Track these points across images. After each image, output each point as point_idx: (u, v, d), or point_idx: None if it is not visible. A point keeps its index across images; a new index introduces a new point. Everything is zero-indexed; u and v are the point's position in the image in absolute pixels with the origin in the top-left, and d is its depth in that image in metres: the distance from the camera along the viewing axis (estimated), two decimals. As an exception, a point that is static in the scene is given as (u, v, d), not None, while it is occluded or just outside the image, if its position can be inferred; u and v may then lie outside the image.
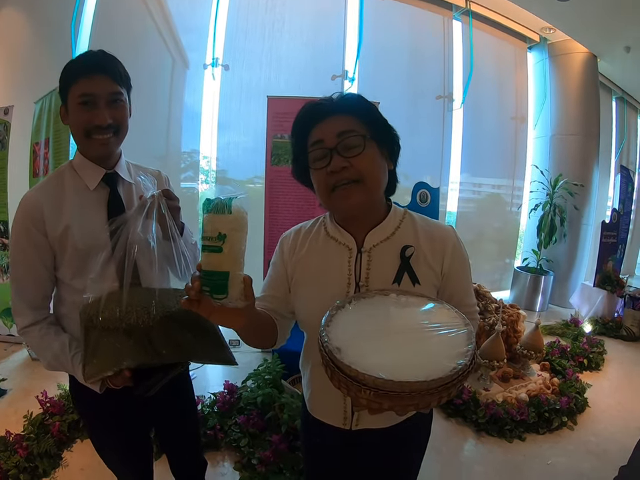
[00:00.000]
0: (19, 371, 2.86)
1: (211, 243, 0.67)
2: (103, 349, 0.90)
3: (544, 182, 4.81)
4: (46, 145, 2.98)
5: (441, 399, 0.67)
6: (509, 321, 3.00)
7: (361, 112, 0.89)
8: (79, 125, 1.04)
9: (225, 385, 2.46)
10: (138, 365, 0.92)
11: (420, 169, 4.54)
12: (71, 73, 1.04)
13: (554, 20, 4.36)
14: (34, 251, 1.03)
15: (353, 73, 4.13)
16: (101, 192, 1.10)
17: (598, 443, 2.38)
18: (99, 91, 1.02)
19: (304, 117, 0.91)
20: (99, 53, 1.06)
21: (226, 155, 3.99)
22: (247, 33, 3.92)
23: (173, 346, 0.92)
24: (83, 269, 1.03)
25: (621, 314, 4.20)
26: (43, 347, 1.06)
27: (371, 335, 0.75)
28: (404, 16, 4.43)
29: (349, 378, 0.67)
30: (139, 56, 3.77)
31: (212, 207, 0.67)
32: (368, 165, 0.86)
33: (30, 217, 1.02)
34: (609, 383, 3.13)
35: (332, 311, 0.80)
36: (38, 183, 1.11)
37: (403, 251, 0.91)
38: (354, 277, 0.92)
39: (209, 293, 0.68)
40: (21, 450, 1.95)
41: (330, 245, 0.96)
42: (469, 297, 1.00)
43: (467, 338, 0.74)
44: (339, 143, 0.85)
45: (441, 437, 2.37)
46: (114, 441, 1.19)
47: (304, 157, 0.91)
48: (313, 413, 1.05)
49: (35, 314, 1.06)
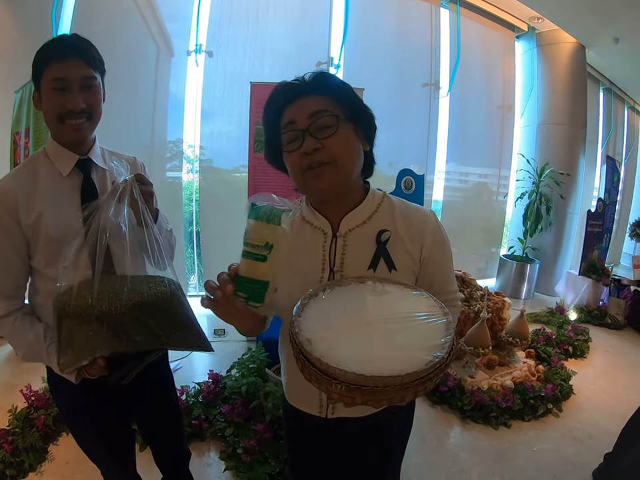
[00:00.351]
0: (3, 365, 2.82)
1: (257, 251, 0.66)
2: (76, 338, 0.88)
3: (530, 171, 4.83)
4: (26, 135, 2.93)
5: (416, 393, 0.65)
6: (494, 308, 3.02)
7: (335, 91, 0.86)
8: (52, 110, 1.01)
9: (210, 375, 2.44)
10: (112, 353, 0.90)
11: (406, 158, 4.51)
12: (43, 57, 1.01)
13: (542, 9, 4.35)
14: (7, 239, 1.01)
15: (339, 60, 4.10)
16: (75, 178, 1.08)
17: (583, 429, 2.42)
18: (72, 75, 0.99)
19: (276, 98, 0.88)
20: (73, 36, 1.03)
21: (210, 143, 3.96)
22: (231, 19, 3.86)
23: (146, 333, 0.90)
24: (56, 256, 1.01)
25: (605, 302, 4.26)
26: (18, 338, 1.04)
27: (344, 326, 0.71)
28: (391, 2, 4.40)
29: (320, 371, 0.64)
30: (123, 44, 3.70)
31: (262, 215, 0.66)
32: (341, 146, 0.83)
33: (3, 205, 1.00)
34: (593, 370, 3.17)
35: (304, 300, 0.77)
36: (11, 171, 1.09)
37: (379, 235, 0.89)
38: (328, 262, 0.90)
39: (244, 299, 0.68)
40: (6, 445, 1.93)
41: (305, 229, 0.94)
42: (450, 283, 0.98)
43: (445, 329, 0.70)
44: (311, 124, 0.82)
45: (427, 424, 2.38)
46: (93, 432, 1.18)
47: (277, 140, 0.88)
48: (290, 400, 1.04)
49: (9, 304, 1.04)
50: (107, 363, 0.93)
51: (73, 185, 1.08)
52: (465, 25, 4.70)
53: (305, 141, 0.82)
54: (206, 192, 4.02)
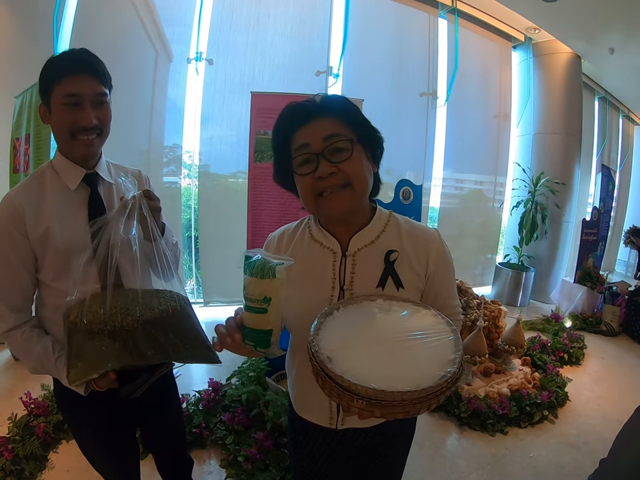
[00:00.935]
0: (2, 372, 2.81)
1: (257, 305, 0.72)
2: (87, 352, 0.89)
3: (526, 180, 4.89)
4: (26, 141, 2.93)
5: (430, 405, 0.68)
6: (490, 316, 3.05)
7: (346, 114, 0.87)
8: (63, 125, 1.02)
9: (210, 383, 2.45)
10: (123, 366, 0.91)
11: (403, 165, 4.58)
12: (54, 71, 1.01)
13: (539, 20, 4.41)
14: (14, 253, 1.01)
15: (338, 69, 4.13)
16: (82, 192, 1.09)
17: (578, 435, 2.45)
18: (84, 90, 1.00)
19: (286, 120, 0.88)
20: (83, 51, 1.04)
21: (209, 149, 3.98)
22: (232, 27, 3.89)
23: (157, 347, 0.91)
24: (64, 270, 1.02)
25: (600, 310, 4.29)
26: (26, 351, 1.05)
27: (360, 344, 0.75)
28: (390, 12, 4.44)
29: (341, 388, 0.67)
30: (122, 49, 3.71)
31: (256, 271, 0.71)
32: (356, 170, 0.84)
33: (10, 218, 1.01)
34: (589, 377, 3.21)
35: (320, 318, 0.79)
36: (18, 184, 1.09)
37: (387, 255, 0.91)
38: (338, 280, 0.92)
39: (253, 347, 0.75)
40: (6, 452, 1.93)
41: (314, 248, 0.96)
42: (453, 298, 1.01)
43: (454, 345, 0.74)
44: (325, 148, 0.83)
45: (424, 431, 2.40)
46: (99, 442, 1.18)
47: (286, 161, 0.89)
48: (299, 412, 1.06)
49: (17, 317, 1.04)
50: (116, 375, 0.94)
51: (81, 198, 1.08)
52: (463, 35, 4.75)
53: (320, 165, 0.83)
54: (204, 197, 4.03)
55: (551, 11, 3.94)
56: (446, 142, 4.92)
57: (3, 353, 3.02)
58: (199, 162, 3.99)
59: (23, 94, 3.02)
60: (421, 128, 4.72)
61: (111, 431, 1.17)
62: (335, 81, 4.15)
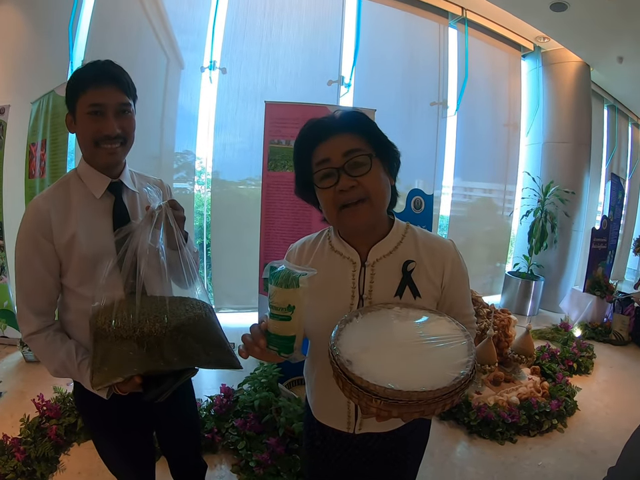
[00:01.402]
0: (14, 373, 2.85)
1: (281, 313, 0.76)
2: (113, 357, 0.91)
3: (535, 189, 4.88)
4: (42, 146, 2.97)
5: (444, 406, 0.72)
6: (500, 325, 3.05)
7: (364, 130, 0.91)
8: (88, 135, 1.05)
9: (222, 389, 2.47)
10: (147, 371, 0.93)
11: (413, 174, 4.61)
12: (79, 82, 1.04)
13: (548, 29, 4.43)
14: (40, 258, 1.04)
15: (349, 79, 4.18)
16: (107, 200, 1.11)
17: (587, 444, 2.44)
18: (108, 101, 1.03)
19: (307, 136, 0.93)
20: (107, 62, 1.07)
21: (221, 156, 4.02)
22: (245, 37, 3.95)
23: (183, 353, 0.93)
24: (89, 276, 1.04)
25: (610, 319, 4.27)
26: (49, 355, 1.06)
27: (378, 348, 0.79)
28: (400, 23, 4.48)
29: (360, 388, 0.71)
30: (134, 56, 3.78)
31: (281, 281, 0.75)
32: (375, 184, 0.88)
33: (37, 224, 1.03)
34: (597, 386, 3.19)
35: (340, 325, 0.83)
36: (44, 190, 1.11)
37: (405, 265, 0.94)
38: (358, 289, 0.95)
39: (277, 352, 0.80)
40: (18, 454, 1.94)
41: (334, 258, 0.99)
42: (467, 307, 1.04)
43: (467, 349, 0.78)
44: (346, 162, 0.86)
45: (434, 438, 2.40)
46: (118, 444, 1.20)
47: (308, 175, 0.93)
48: (318, 417, 1.08)
49: (42, 321, 1.06)
50: (141, 380, 0.96)
51: (105, 206, 1.11)
52: (473, 44, 4.79)
53: (341, 179, 0.87)
54: (216, 204, 4.06)
55: (560, 20, 3.97)
56: (456, 150, 4.94)
57: (14, 355, 3.06)
58: (211, 169, 4.03)
59: (39, 100, 3.07)
60: (431, 137, 4.75)
61: (129, 433, 1.19)
62: (347, 90, 4.20)
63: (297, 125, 2.76)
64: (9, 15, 3.68)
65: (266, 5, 3.97)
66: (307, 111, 2.83)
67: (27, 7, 3.66)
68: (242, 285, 4.02)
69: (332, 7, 4.17)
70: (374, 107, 2.81)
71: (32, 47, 3.67)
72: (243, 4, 3.92)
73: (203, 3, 3.85)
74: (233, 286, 4.12)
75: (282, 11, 4.02)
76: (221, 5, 3.83)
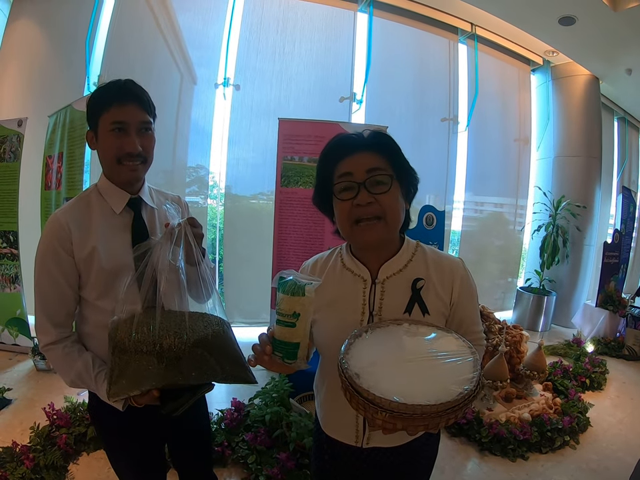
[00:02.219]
0: (24, 381, 2.88)
1: (287, 319, 0.80)
2: (131, 370, 0.93)
3: (547, 203, 4.87)
4: (59, 159, 3.04)
5: (448, 420, 0.73)
6: (512, 341, 3.03)
7: (389, 152, 0.94)
8: (110, 151, 1.07)
9: (233, 403, 2.47)
10: (165, 385, 0.95)
11: (425, 189, 4.62)
12: (102, 100, 1.07)
13: (557, 44, 4.46)
14: (59, 270, 1.05)
15: (361, 95, 4.23)
16: (126, 216, 1.14)
17: (599, 460, 2.40)
18: (131, 119, 1.06)
19: (334, 148, 0.96)
20: (129, 82, 1.10)
21: (234, 171, 4.07)
22: (258, 54, 4.04)
23: (200, 368, 0.95)
24: (107, 289, 1.07)
25: (623, 333, 4.22)
26: (66, 365, 1.08)
27: (385, 362, 0.81)
28: (411, 39, 4.55)
29: (367, 401, 0.73)
30: (149, 72, 3.88)
31: (288, 289, 0.79)
32: (391, 203, 0.91)
33: (57, 236, 1.05)
34: (610, 402, 3.16)
35: (350, 339, 0.86)
36: (65, 205, 1.14)
37: (414, 283, 0.96)
38: (368, 306, 0.98)
39: (281, 358, 0.83)
40: (27, 461, 1.96)
41: (346, 275, 1.01)
42: (476, 324, 1.05)
43: (472, 366, 0.80)
44: (367, 179, 0.90)
45: (445, 455, 2.38)
46: (130, 455, 1.21)
47: (328, 186, 0.96)
48: (326, 430, 1.09)
49: (60, 332, 1.08)
50: (159, 393, 0.97)
51: (125, 222, 1.13)
52: (482, 59, 4.83)
53: (360, 193, 0.90)
54: (229, 218, 4.11)
55: (568, 34, 4.01)
56: (467, 165, 4.96)
57: (25, 364, 3.11)
58: (224, 183, 4.08)
59: (56, 114, 3.15)
60: (443, 153, 4.78)
61: (141, 444, 1.20)
62: (359, 107, 4.25)
63: (310, 141, 2.81)
64: (27, 30, 3.79)
65: (279, 22, 4.06)
66: (319, 128, 2.89)
67: (44, 22, 3.77)
68: (253, 299, 4.05)
69: (344, 24, 4.25)
70: (386, 124, 2.86)
71: (49, 61, 3.78)
72: (257, 21, 4.02)
73: (217, 20, 3.95)
74: (245, 300, 4.15)
75: (294, 28, 4.10)
76: (234, 22, 3.93)
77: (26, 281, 3.15)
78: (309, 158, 2.87)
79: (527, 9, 3.78)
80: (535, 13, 3.81)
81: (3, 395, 2.61)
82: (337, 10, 4.21)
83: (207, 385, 1.04)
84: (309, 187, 2.86)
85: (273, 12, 4.05)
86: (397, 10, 4.34)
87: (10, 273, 3.19)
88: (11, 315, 3.25)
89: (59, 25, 3.78)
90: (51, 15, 3.77)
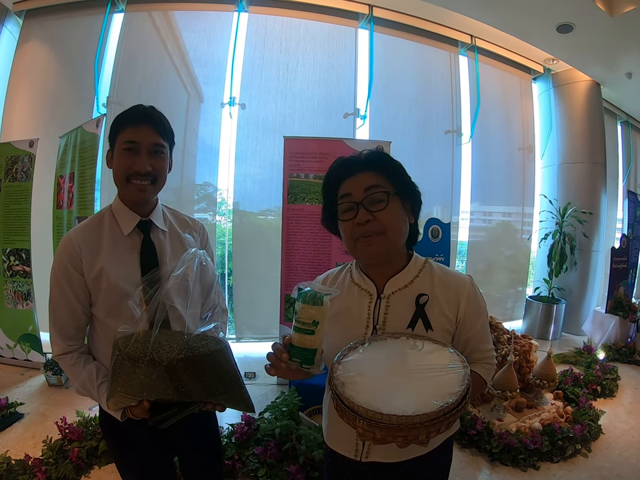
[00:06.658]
0: (36, 395, 2.93)
1: (306, 327, 0.85)
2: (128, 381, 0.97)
3: (553, 211, 4.87)
4: (71, 179, 3.12)
5: (429, 433, 0.75)
6: (521, 351, 3.02)
7: (387, 169, 0.99)
8: (121, 170, 1.11)
9: (243, 417, 2.48)
10: (157, 399, 0.99)
11: (431, 202, 4.67)
12: (120, 121, 1.12)
13: (556, 51, 4.51)
14: (70, 287, 1.10)
15: (365, 111, 4.29)
16: (135, 238, 1.16)
17: (612, 468, 2.38)
18: (143, 139, 1.10)
19: (335, 172, 1.02)
20: (149, 107, 1.15)
21: (241, 188, 4.13)
22: (263, 73, 4.13)
23: (192, 385, 0.98)
24: (116, 308, 1.10)
25: (634, 339, 4.19)
26: (73, 374, 1.13)
27: (373, 374, 0.85)
28: (412, 54, 4.61)
29: (347, 408, 0.77)
30: (156, 92, 3.97)
31: (308, 299, 0.85)
32: (390, 219, 0.95)
33: (68, 256, 1.10)
34: (622, 408, 3.13)
35: (344, 351, 0.91)
36: (79, 224, 1.18)
37: (418, 298, 0.99)
38: (372, 320, 1.01)
39: (299, 364, 0.87)
40: (39, 474, 2.00)
41: (353, 290, 1.05)
42: (484, 342, 1.05)
43: (461, 379, 0.81)
44: (365, 198, 0.94)
45: (455, 467, 2.36)
46: (140, 468, 1.23)
47: (333, 208, 1.01)
48: (328, 442, 1.12)
49: (68, 344, 1.13)
50: (150, 406, 1.01)
51: (133, 244, 1.16)
52: (483, 70, 4.88)
53: (359, 213, 0.95)
54: (238, 235, 4.16)
55: (567, 42, 4.06)
56: (472, 176, 4.97)
57: (37, 379, 3.16)
58: (232, 200, 4.15)
59: (67, 135, 3.23)
60: (447, 165, 4.80)
61: (151, 457, 1.22)
62: (363, 122, 4.31)
63: (315, 158, 2.87)
64: (37, 52, 3.91)
65: (282, 41, 4.15)
66: (324, 145, 2.95)
67: (54, 45, 3.89)
68: (263, 314, 4.07)
69: (345, 41, 4.32)
70: (389, 139, 2.90)
71: (59, 83, 3.89)
72: (260, 40, 4.11)
73: (221, 40, 4.06)
74: (254, 315, 4.18)
75: (297, 46, 4.18)
76: (239, 42, 4.02)
77: (38, 297, 3.21)
78: (315, 175, 2.93)
79: (524, 19, 3.84)
80: (533, 23, 3.87)
81: (16, 409, 2.65)
82: (338, 27, 4.29)
83: (196, 404, 1.06)
84: (316, 204, 2.92)
85: (275, 31, 4.14)
86: (397, 25, 4.42)
87: (23, 290, 3.25)
88: (24, 331, 3.31)
89: (67, 47, 3.90)
90: (59, 37, 3.90)
